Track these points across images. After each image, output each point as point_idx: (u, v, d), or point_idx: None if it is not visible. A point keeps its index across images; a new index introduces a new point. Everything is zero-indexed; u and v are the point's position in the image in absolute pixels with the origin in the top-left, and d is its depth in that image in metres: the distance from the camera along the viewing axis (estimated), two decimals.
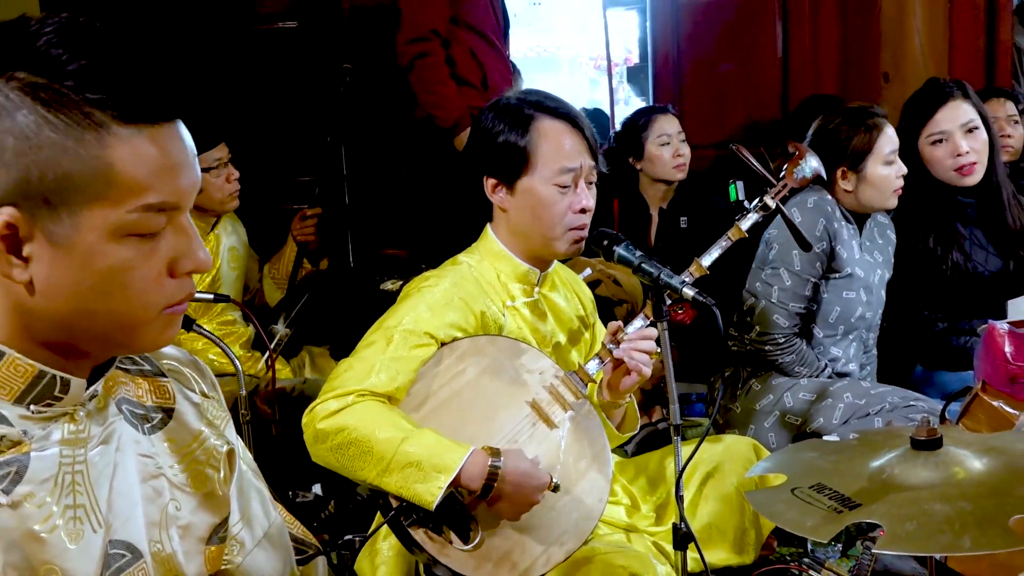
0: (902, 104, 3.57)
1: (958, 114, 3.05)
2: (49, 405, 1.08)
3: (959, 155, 3.02)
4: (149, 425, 1.21)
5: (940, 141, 3.06)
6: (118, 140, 1.00)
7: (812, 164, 2.35)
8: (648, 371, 2.14)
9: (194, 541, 1.23)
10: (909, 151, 3.03)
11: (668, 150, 3.87)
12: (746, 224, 2.29)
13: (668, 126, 3.89)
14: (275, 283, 3.49)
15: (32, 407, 1.07)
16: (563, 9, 6.88)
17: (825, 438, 2.20)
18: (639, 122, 3.95)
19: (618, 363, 2.16)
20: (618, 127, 4.24)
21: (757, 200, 2.31)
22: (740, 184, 3.10)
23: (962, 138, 3.03)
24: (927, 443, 1.48)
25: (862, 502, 1.40)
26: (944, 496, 1.39)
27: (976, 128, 3.05)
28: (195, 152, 1.08)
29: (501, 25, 3.91)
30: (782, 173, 2.34)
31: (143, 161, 1.01)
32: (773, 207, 2.31)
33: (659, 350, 2.11)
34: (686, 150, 3.91)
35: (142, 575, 1.16)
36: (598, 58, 6.51)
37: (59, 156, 0.98)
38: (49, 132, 0.97)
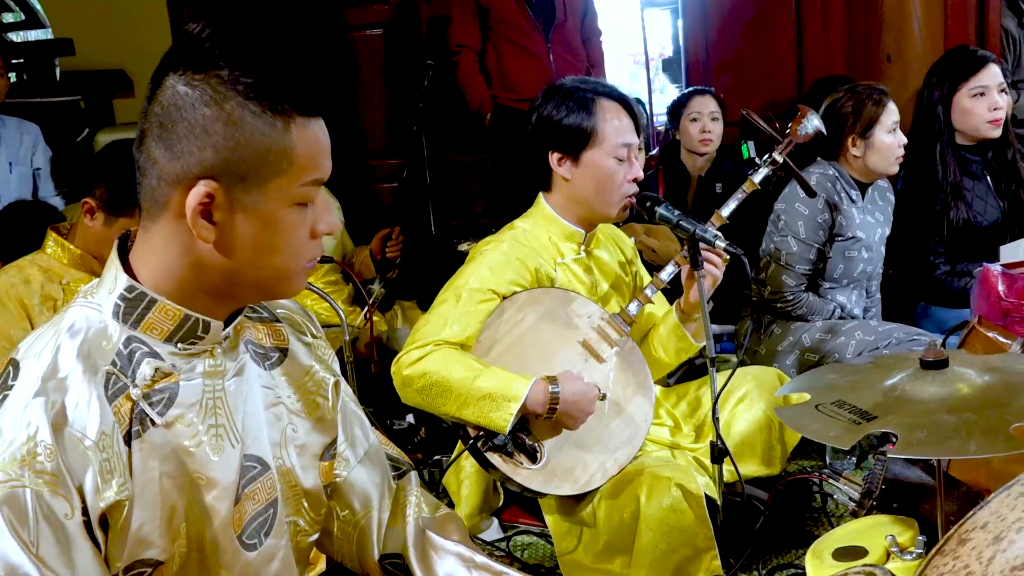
0: (903, 82, 3.47)
1: (996, 75, 3.00)
2: (193, 343, 1.09)
3: (995, 109, 2.97)
4: (269, 362, 1.22)
5: (981, 95, 2.99)
6: (297, 127, 1.04)
7: (814, 122, 2.27)
8: (718, 272, 2.13)
9: (309, 457, 1.25)
10: (930, 111, 3.02)
11: (696, 126, 3.79)
12: (758, 177, 2.23)
13: (700, 105, 3.80)
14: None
15: (179, 345, 1.08)
16: (605, 12, 6.82)
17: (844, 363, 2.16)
18: (680, 100, 3.90)
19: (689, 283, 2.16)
20: (655, 113, 4.18)
21: (767, 156, 2.25)
22: (751, 144, 3.04)
23: (997, 95, 2.98)
24: (935, 363, 1.44)
25: (878, 415, 1.36)
26: (951, 408, 1.35)
27: (1004, 90, 3.01)
28: None
29: (540, 31, 3.99)
30: (787, 131, 2.28)
31: (312, 144, 1.06)
32: (781, 161, 2.24)
33: (726, 256, 2.11)
34: (715, 128, 3.81)
35: (270, 483, 1.18)
36: (636, 54, 6.42)
37: (258, 138, 1.02)
38: (251, 119, 1.01)
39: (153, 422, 1.05)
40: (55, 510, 0.96)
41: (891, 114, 2.78)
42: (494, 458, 1.99)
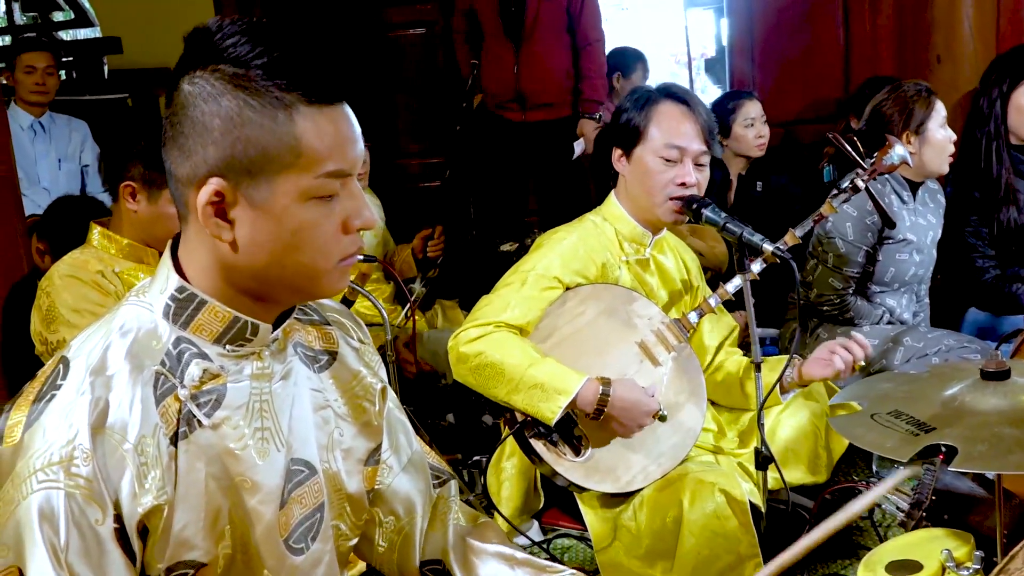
0: (952, 83, 3.39)
1: None
2: (241, 345, 1.08)
3: None
4: (318, 365, 1.21)
5: None
6: (303, 118, 0.99)
7: (899, 152, 2.23)
8: (841, 368, 2.02)
9: (354, 462, 1.23)
10: (986, 108, 2.95)
11: (752, 131, 3.74)
12: (837, 202, 2.19)
13: (753, 110, 3.75)
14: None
15: (228, 347, 1.07)
16: (647, 12, 6.78)
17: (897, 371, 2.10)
18: (727, 105, 3.81)
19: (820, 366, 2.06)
20: None
21: (847, 182, 2.21)
22: (832, 167, 2.99)
23: None
24: (996, 374, 1.39)
25: (936, 426, 1.32)
26: (1013, 421, 1.30)
27: None
28: (359, 129, 1.06)
29: (510, 39, 4.01)
30: (872, 159, 2.23)
31: (323, 135, 1.00)
32: (862, 188, 2.21)
33: (862, 361, 2.03)
34: (766, 131, 3.78)
35: (317, 487, 1.17)
36: (678, 53, 6.36)
37: (258, 132, 0.98)
38: (249, 113, 0.98)
39: (200, 423, 1.05)
40: (87, 515, 0.96)
41: (940, 109, 2.73)
42: (538, 445, 1.99)
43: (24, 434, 0.98)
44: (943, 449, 1.29)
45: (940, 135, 2.70)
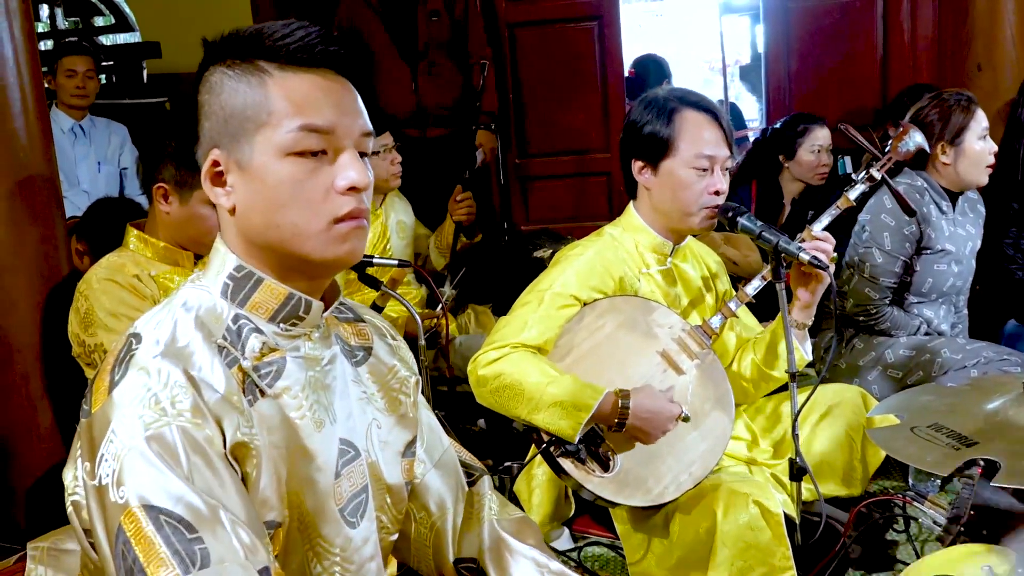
0: (993, 92, 3.35)
1: None
2: (294, 324, 1.13)
3: None
4: (355, 360, 1.25)
5: None
6: (273, 80, 1.07)
7: (916, 139, 2.18)
8: (827, 260, 2.00)
9: (393, 453, 1.27)
10: (1018, 121, 2.94)
11: (817, 158, 3.68)
12: (853, 194, 2.15)
13: (822, 137, 3.68)
14: (439, 251, 3.47)
15: (281, 325, 1.12)
16: (681, 18, 6.74)
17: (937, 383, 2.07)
18: (797, 127, 3.74)
19: (804, 277, 2.07)
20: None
21: (864, 172, 2.17)
22: (847, 159, 2.94)
23: None
24: None
25: (979, 440, 1.30)
26: None
27: None
28: (354, 100, 1.12)
29: (404, 60, 3.97)
30: (887, 147, 2.19)
31: (292, 93, 1.07)
32: (879, 178, 2.16)
33: (835, 255, 2.04)
34: (830, 161, 3.71)
35: (361, 469, 1.20)
36: (712, 60, 6.33)
37: (235, 97, 1.08)
38: (228, 82, 1.08)
39: (263, 392, 1.09)
40: (199, 441, 0.99)
41: (980, 120, 2.68)
42: (566, 464, 1.97)
43: (113, 392, 1.01)
44: (981, 463, 1.27)
45: (978, 147, 2.65)
